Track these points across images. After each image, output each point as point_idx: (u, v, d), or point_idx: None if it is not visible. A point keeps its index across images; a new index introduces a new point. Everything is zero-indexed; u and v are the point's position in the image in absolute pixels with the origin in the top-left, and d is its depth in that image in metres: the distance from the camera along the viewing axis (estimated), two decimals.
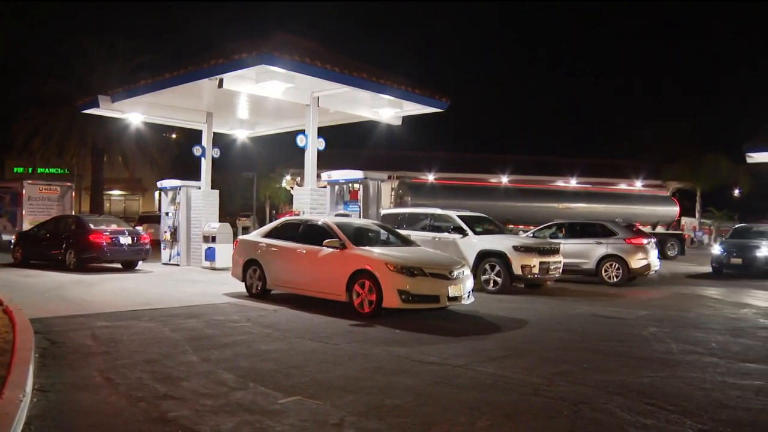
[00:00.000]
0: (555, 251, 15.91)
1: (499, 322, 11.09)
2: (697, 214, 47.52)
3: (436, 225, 16.64)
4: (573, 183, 42.35)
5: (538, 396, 6.61)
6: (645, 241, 18.32)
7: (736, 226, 26.93)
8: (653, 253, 18.45)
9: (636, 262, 17.78)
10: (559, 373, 7.55)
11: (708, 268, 23.36)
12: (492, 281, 15.13)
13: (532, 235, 19.55)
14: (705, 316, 12.64)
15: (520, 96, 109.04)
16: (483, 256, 15.36)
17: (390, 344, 8.95)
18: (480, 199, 32.13)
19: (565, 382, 7.13)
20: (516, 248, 15.10)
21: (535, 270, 15.01)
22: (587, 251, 18.21)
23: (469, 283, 11.68)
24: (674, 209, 42.96)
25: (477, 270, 15.13)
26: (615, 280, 17.77)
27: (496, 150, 52.83)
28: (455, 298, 11.16)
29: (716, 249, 23.30)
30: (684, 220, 46.95)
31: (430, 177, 38.51)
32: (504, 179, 40.83)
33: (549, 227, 20.16)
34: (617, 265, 17.83)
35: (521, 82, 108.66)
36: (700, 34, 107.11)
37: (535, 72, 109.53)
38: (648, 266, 18.07)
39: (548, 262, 15.34)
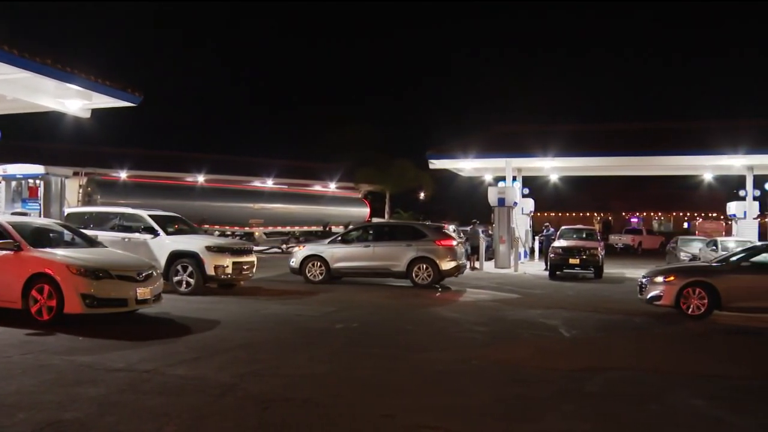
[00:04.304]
0: (248, 251, 16.09)
1: (190, 324, 10.96)
2: (386, 215, 50.83)
3: (127, 225, 15.92)
4: (270, 184, 43.02)
5: (227, 396, 6.67)
6: (454, 243, 18.69)
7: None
8: (462, 254, 19.13)
9: (446, 263, 18.03)
10: (249, 372, 7.68)
11: None
12: (185, 282, 14.83)
13: (340, 238, 19.52)
14: (387, 309, 13.67)
15: (217, 95, 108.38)
16: (175, 256, 14.99)
17: (72, 353, 8.41)
18: (176, 198, 31.30)
19: (256, 381, 7.29)
20: (209, 248, 14.99)
21: (229, 270, 15.01)
22: (397, 254, 18.18)
23: (159, 284, 11.39)
24: (365, 210, 45.79)
25: (169, 271, 14.76)
26: (426, 281, 17.92)
27: (192, 148, 51.89)
28: (144, 301, 10.82)
29: None
30: (374, 220, 50.06)
31: (123, 174, 36.59)
32: (200, 178, 40.20)
33: (357, 229, 20.16)
34: (428, 267, 18.02)
35: (216, 81, 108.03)
36: (388, 49, 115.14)
37: (232, 72, 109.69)
38: (458, 267, 18.46)
39: (241, 262, 15.45)
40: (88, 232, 13.51)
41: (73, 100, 17.14)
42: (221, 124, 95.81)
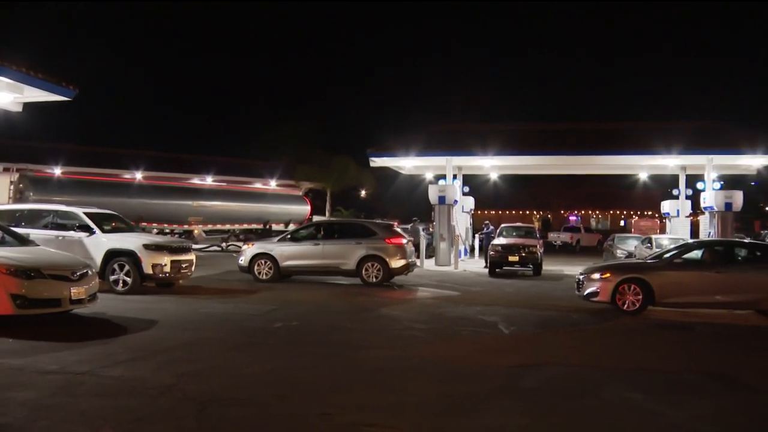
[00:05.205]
0: (187, 250, 15.83)
1: (127, 324, 10.71)
2: (327, 213, 50.70)
3: (61, 223, 15.46)
4: (209, 181, 42.53)
5: (165, 397, 6.56)
6: (404, 241, 18.57)
7: None
8: (412, 252, 19.05)
9: (396, 261, 17.94)
10: (187, 372, 7.56)
11: None
12: (121, 281, 14.51)
13: (289, 235, 19.25)
14: (328, 307, 13.64)
15: (155, 91, 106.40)
16: (112, 255, 14.64)
17: (1, 356, 8.13)
18: (112, 195, 30.67)
19: (194, 382, 7.18)
20: (146, 247, 14.69)
21: (167, 269, 14.74)
22: (347, 252, 18.02)
23: (95, 284, 11.10)
24: (306, 208, 45.55)
25: (105, 270, 14.41)
26: (376, 280, 17.82)
27: (130, 145, 50.92)
28: (79, 301, 10.50)
29: None
30: (315, 218, 49.87)
31: (57, 171, 35.63)
32: (138, 175, 39.45)
33: (307, 227, 19.73)
34: (378, 265, 17.89)
35: (155, 78, 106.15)
36: (330, 47, 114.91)
37: (170, 68, 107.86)
38: (407, 265, 18.36)
39: (180, 261, 15.19)
40: (20, 231, 13.09)
41: (3, 93, 16.59)
42: (159, 120, 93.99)
